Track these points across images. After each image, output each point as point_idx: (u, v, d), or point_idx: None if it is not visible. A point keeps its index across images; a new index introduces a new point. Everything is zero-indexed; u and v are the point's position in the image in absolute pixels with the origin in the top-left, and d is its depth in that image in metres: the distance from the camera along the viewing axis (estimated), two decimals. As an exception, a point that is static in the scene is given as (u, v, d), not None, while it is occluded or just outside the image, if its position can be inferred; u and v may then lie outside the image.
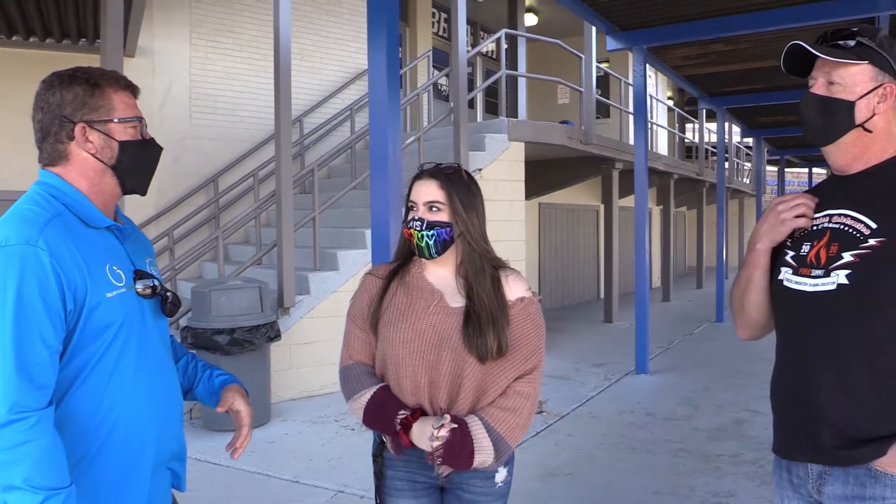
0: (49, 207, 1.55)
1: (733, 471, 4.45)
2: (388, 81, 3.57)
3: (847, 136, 1.65)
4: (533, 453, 4.80)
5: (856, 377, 1.57)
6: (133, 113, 1.67)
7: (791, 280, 1.69)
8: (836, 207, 1.68)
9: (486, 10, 13.14)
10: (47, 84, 1.63)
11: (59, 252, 1.49)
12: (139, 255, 1.74)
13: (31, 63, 7.47)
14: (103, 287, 1.56)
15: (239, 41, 8.89)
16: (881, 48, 1.63)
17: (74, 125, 1.60)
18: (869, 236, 1.58)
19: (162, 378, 1.71)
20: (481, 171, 7.63)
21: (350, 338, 2.00)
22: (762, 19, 6.52)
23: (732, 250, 20.94)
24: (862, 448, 1.56)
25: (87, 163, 1.62)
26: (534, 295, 1.99)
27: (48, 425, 1.44)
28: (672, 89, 19.00)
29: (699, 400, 6.22)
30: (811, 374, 1.63)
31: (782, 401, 1.75)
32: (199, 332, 5.23)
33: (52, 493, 1.42)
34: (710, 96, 11.02)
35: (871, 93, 1.63)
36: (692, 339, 9.54)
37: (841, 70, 1.64)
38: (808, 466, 1.66)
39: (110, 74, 1.67)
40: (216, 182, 8.64)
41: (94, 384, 1.55)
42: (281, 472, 4.45)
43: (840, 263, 1.59)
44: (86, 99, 1.61)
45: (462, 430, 1.79)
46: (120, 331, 1.58)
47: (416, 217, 1.92)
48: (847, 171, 1.70)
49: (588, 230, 14.00)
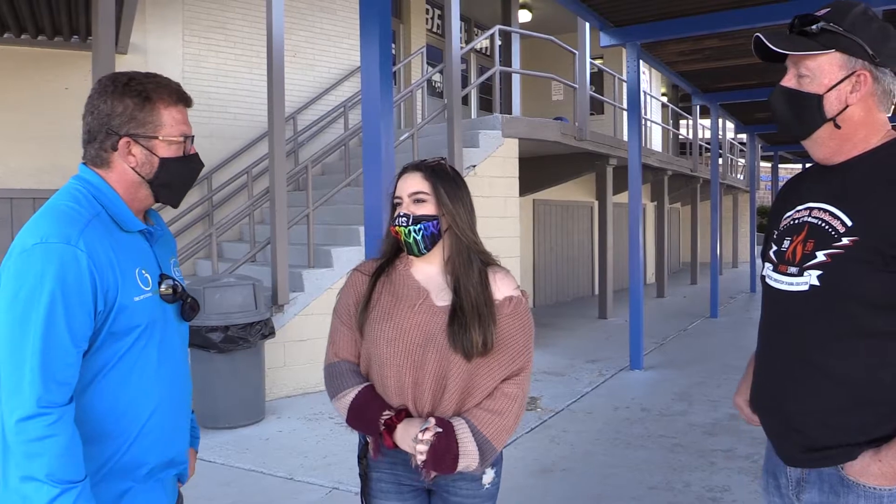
0: (89, 207, 1.57)
1: (728, 465, 4.46)
2: (381, 78, 3.55)
3: (820, 130, 1.55)
4: (528, 449, 4.81)
5: (823, 382, 1.51)
6: (180, 131, 1.66)
7: (772, 277, 1.64)
8: (816, 200, 1.58)
9: (479, 6, 13.13)
10: (101, 89, 1.62)
11: (96, 253, 1.50)
12: (165, 257, 1.76)
13: (23, 61, 7.44)
14: (132, 291, 1.57)
15: (232, 38, 8.87)
16: (851, 31, 1.49)
17: (120, 138, 1.60)
18: (843, 234, 1.48)
19: (179, 381, 1.72)
20: (475, 167, 7.63)
21: (336, 335, 1.97)
22: (756, 15, 6.53)
23: (726, 246, 20.99)
24: (828, 451, 1.52)
25: (126, 173, 1.63)
26: (522, 293, 1.95)
27: (69, 421, 1.46)
28: (666, 85, 19.03)
29: (693, 395, 6.23)
30: (780, 377, 1.59)
31: (756, 402, 1.72)
32: (194, 330, 5.21)
33: (69, 487, 1.44)
34: (704, 92, 11.04)
35: (841, 83, 1.51)
36: (686, 335, 9.56)
37: (807, 61, 1.53)
38: (788, 472, 1.63)
39: (164, 87, 1.65)
40: (210, 179, 8.62)
41: (113, 382, 1.57)
42: (275, 470, 4.45)
43: (813, 263, 1.51)
44: (135, 113, 1.60)
45: (447, 433, 1.76)
46: (143, 334, 1.60)
47: (401, 213, 1.89)
48: (829, 162, 1.60)
49: (582, 226, 14.02)
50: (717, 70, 9.59)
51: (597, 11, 6.90)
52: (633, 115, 7.54)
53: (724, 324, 10.56)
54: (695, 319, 10.87)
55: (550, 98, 14.51)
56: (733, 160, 19.78)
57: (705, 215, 17.20)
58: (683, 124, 20.23)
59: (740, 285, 15.87)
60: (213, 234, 6.98)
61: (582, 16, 7.07)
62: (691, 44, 8.32)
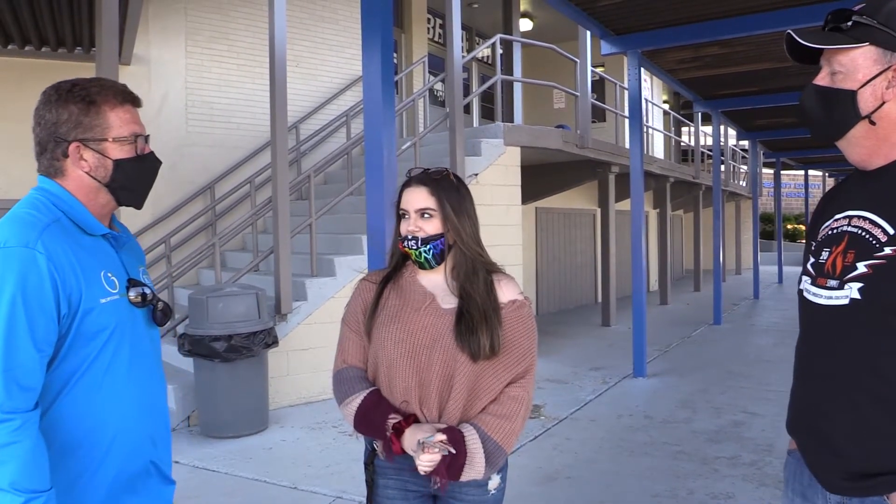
0: (48, 212, 1.56)
1: (731, 473, 4.45)
2: (383, 87, 3.57)
3: (855, 129, 1.45)
4: (531, 457, 4.80)
5: (865, 403, 1.40)
6: (130, 130, 1.65)
7: (809, 291, 1.54)
8: (856, 208, 1.48)
9: (481, 15, 13.19)
10: (45, 99, 1.62)
11: (56, 256, 1.50)
12: (133, 264, 1.74)
13: (27, 71, 7.48)
14: (98, 293, 1.57)
15: (234, 48, 8.91)
16: (887, 24, 1.40)
17: (69, 144, 1.60)
18: (885, 244, 1.38)
19: (153, 387, 1.71)
20: (477, 175, 7.65)
21: (344, 342, 2.00)
22: (757, 22, 6.55)
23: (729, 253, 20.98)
24: (873, 480, 1.40)
25: (82, 179, 1.63)
26: (525, 299, 1.99)
27: (33, 428, 1.44)
28: (667, 93, 19.07)
29: (697, 402, 6.22)
30: (818, 396, 1.50)
31: (793, 423, 1.63)
32: (197, 339, 5.22)
33: (34, 496, 1.42)
34: (706, 99, 11.05)
35: (876, 78, 1.41)
36: (690, 342, 9.54)
37: (840, 56, 1.44)
38: (827, 497, 1.51)
39: (109, 89, 1.64)
40: (213, 189, 8.65)
41: (85, 389, 1.56)
42: (279, 479, 4.44)
43: (854, 275, 1.41)
44: (81, 118, 1.60)
45: (456, 443, 1.78)
46: (112, 336, 1.59)
47: (409, 236, 1.92)
48: (867, 166, 1.49)
49: (585, 234, 14.02)
50: (718, 77, 9.60)
51: (598, 20, 6.93)
52: (635, 122, 7.55)
53: (727, 331, 10.53)
54: (698, 327, 10.85)
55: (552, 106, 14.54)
56: (735, 167, 19.79)
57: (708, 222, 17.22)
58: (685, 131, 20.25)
59: (743, 292, 15.84)
60: (216, 244, 6.99)
61: (583, 24, 7.09)
62: (692, 51, 8.34)
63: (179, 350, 5.35)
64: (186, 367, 5.82)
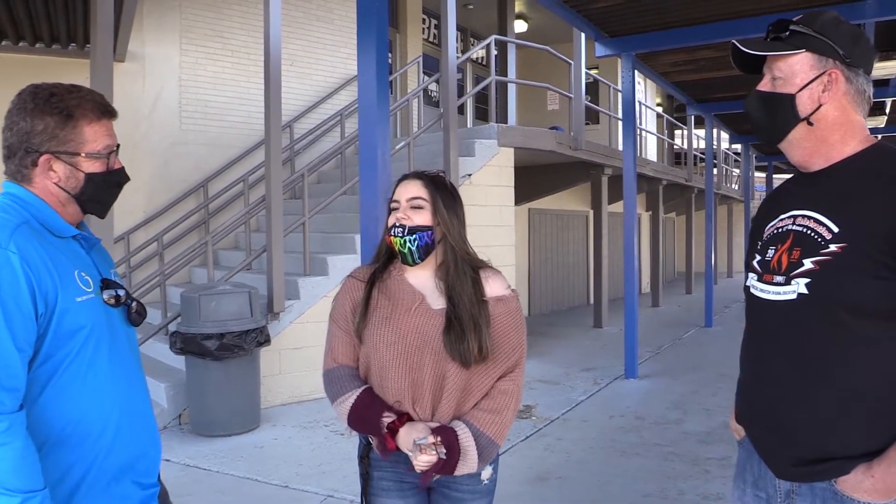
0: (16, 215, 1.54)
1: (722, 474, 4.47)
2: (377, 87, 3.58)
3: (795, 131, 1.56)
4: (523, 457, 4.81)
5: (815, 391, 1.48)
6: (105, 145, 1.63)
7: (756, 287, 1.63)
8: (800, 207, 1.57)
9: (476, 16, 13.20)
10: (20, 104, 1.58)
11: (29, 256, 1.48)
12: (105, 267, 1.73)
13: (21, 68, 7.45)
14: (73, 292, 1.55)
15: (229, 46, 8.89)
16: (822, 32, 1.52)
17: (40, 155, 1.57)
18: (830, 241, 1.46)
19: (134, 385, 1.71)
20: (471, 176, 7.66)
21: (334, 341, 2.00)
22: (750, 26, 6.57)
23: (721, 256, 21.05)
24: (821, 465, 1.48)
25: (49, 188, 1.60)
26: (513, 293, 2.01)
27: (21, 429, 1.43)
28: (661, 95, 19.12)
29: (688, 404, 6.24)
30: (774, 388, 1.56)
31: (743, 414, 1.70)
32: (189, 338, 5.22)
33: (28, 496, 1.41)
34: (699, 102, 11.10)
35: (813, 82, 1.52)
36: (681, 344, 9.58)
37: (780, 63, 1.56)
38: (777, 483, 1.59)
39: (87, 102, 1.61)
40: (206, 187, 8.62)
41: (66, 387, 1.55)
42: (270, 478, 4.44)
43: (800, 271, 1.49)
44: (56, 131, 1.56)
45: (449, 441, 1.81)
46: (90, 335, 1.58)
47: (397, 224, 1.93)
48: (808, 167, 1.59)
49: (578, 235, 14.05)
50: (711, 80, 9.64)
51: (592, 22, 6.95)
52: (628, 124, 7.58)
53: (718, 333, 10.58)
54: (689, 328, 10.90)
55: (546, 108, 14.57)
56: (728, 170, 19.86)
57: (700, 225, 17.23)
58: (678, 134, 20.31)
59: (735, 295, 15.89)
60: (209, 242, 6.98)
61: (577, 26, 7.11)
62: (686, 54, 8.37)
63: (171, 348, 5.34)
64: (178, 366, 5.81)
